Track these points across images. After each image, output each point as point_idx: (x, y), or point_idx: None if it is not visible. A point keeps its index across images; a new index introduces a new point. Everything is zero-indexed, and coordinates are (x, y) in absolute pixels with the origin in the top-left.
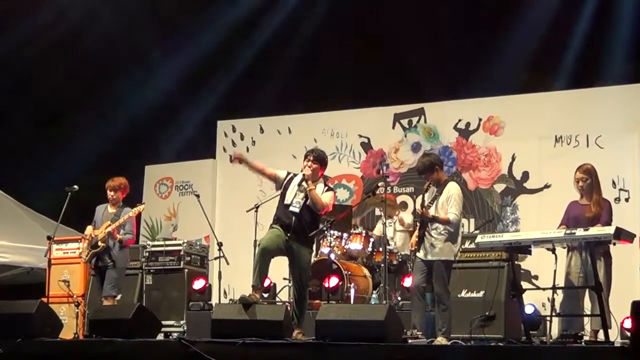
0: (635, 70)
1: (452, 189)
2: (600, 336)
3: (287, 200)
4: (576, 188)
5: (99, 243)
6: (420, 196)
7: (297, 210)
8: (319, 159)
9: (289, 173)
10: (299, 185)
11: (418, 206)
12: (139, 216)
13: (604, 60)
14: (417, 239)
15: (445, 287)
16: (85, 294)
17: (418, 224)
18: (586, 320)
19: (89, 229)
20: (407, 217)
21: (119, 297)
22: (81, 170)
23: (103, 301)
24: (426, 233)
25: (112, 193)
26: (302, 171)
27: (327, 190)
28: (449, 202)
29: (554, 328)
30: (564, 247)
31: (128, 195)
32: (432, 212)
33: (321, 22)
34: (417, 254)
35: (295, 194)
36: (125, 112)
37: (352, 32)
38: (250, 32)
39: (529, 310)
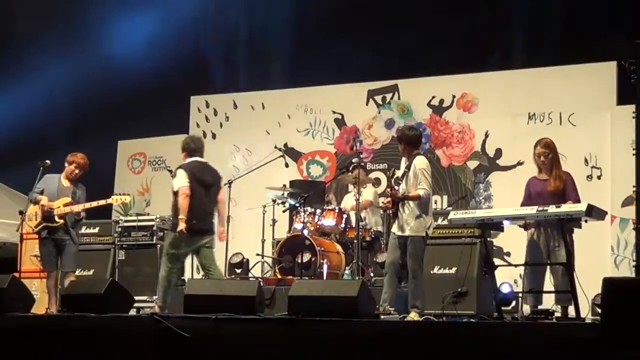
0: (609, 49)
1: (419, 163)
2: (570, 312)
3: None
4: (536, 162)
5: (57, 218)
6: (399, 173)
7: None
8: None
9: None
10: None
11: (387, 191)
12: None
13: (577, 38)
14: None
15: (419, 263)
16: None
17: (390, 202)
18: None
19: (45, 199)
20: (369, 193)
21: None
22: (54, 144)
23: (66, 276)
24: (399, 210)
25: (76, 170)
26: None
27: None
28: (416, 177)
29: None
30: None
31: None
32: (402, 188)
33: None
34: (392, 229)
35: None
36: (97, 87)
37: (326, 8)
38: (225, 8)
39: (505, 289)
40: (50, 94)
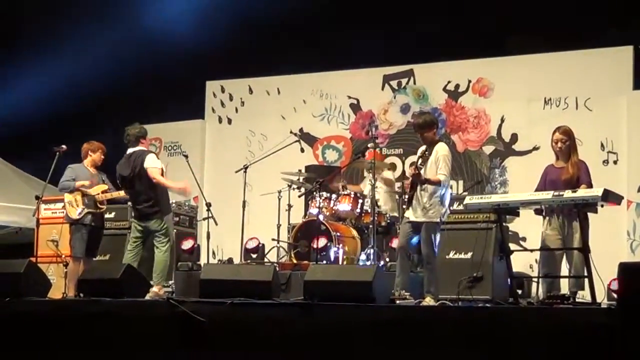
0: (624, 33)
1: (441, 150)
2: (581, 298)
3: None
4: (553, 149)
5: (99, 205)
6: (414, 158)
7: None
8: None
9: None
10: None
11: (410, 170)
12: None
13: (593, 22)
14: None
15: (433, 249)
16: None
17: (409, 185)
18: (563, 282)
19: (87, 184)
20: (389, 174)
21: None
22: (69, 130)
23: (86, 260)
24: (417, 194)
25: (103, 156)
26: None
27: None
28: (437, 163)
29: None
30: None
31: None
32: (422, 173)
33: None
34: (405, 214)
35: None
36: (112, 71)
37: None
38: None
39: None
40: (64, 81)
